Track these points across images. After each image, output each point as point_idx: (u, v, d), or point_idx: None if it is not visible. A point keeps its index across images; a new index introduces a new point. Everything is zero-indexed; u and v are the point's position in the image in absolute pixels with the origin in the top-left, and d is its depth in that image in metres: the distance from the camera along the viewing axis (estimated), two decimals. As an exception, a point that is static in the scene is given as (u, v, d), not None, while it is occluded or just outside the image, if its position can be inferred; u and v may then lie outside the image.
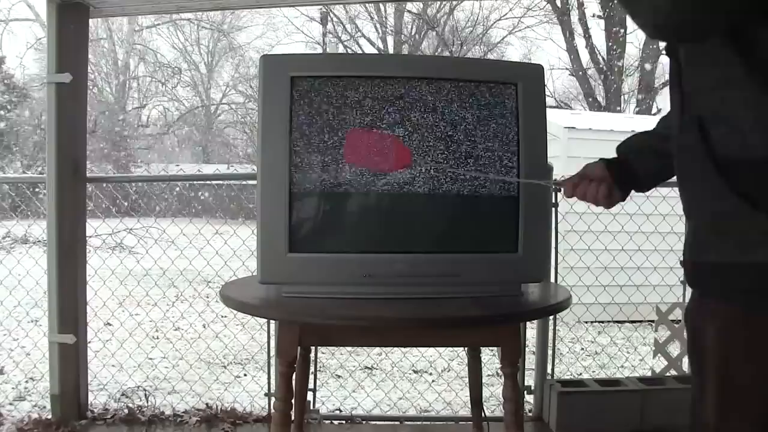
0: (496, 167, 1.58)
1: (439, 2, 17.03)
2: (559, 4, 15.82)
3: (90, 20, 2.83)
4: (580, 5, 15.39)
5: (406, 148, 1.53)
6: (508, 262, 1.60)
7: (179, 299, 5.74)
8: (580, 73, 15.73)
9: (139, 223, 8.45)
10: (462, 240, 1.58)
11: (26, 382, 3.53)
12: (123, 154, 17.31)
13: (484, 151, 1.57)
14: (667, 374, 2.89)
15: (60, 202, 2.70)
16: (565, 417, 2.70)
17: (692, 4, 0.91)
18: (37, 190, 7.14)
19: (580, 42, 15.49)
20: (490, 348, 3.57)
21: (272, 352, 2.48)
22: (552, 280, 2.88)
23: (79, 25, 2.74)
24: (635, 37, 15.53)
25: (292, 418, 1.74)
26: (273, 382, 2.70)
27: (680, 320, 2.90)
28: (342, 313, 1.50)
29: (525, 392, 2.82)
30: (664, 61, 16.16)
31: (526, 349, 2.90)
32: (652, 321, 3.12)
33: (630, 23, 14.95)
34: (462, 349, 3.23)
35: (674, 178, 1.14)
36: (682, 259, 1.08)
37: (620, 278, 4.34)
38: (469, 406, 2.13)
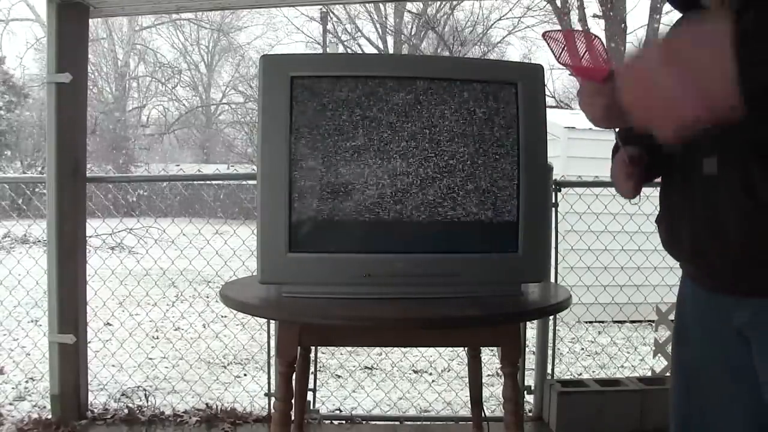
0: (496, 167, 1.58)
1: (439, 2, 17.03)
2: (559, 4, 15.82)
3: (90, 20, 2.83)
4: (580, 5, 15.39)
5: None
6: (508, 262, 1.59)
7: (179, 299, 5.74)
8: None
9: (139, 223, 8.46)
10: (462, 240, 1.58)
11: (26, 382, 3.52)
12: (123, 154, 17.32)
13: (484, 151, 1.57)
14: (667, 374, 2.89)
15: (60, 202, 2.70)
16: (565, 417, 2.70)
17: None
18: (37, 190, 7.14)
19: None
20: (490, 348, 3.57)
21: (272, 352, 2.48)
22: (552, 280, 2.88)
23: (79, 25, 2.74)
24: (635, 36, 15.55)
25: (292, 418, 1.74)
26: (273, 382, 2.71)
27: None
28: (342, 313, 1.49)
29: (525, 392, 2.82)
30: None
31: (526, 349, 2.90)
32: (652, 321, 3.12)
33: (630, 23, 14.97)
34: (462, 349, 3.23)
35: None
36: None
37: (620, 278, 4.34)
38: (469, 406, 2.13)
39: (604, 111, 1.12)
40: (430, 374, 4.07)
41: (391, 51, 17.69)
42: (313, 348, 2.47)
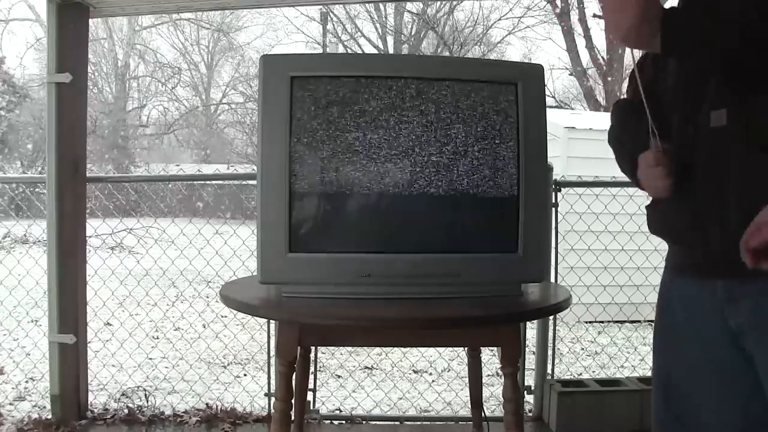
0: (496, 167, 1.58)
1: (439, 2, 17.03)
2: (559, 3, 15.81)
3: (90, 20, 2.83)
4: (580, 5, 15.39)
5: None
6: (508, 262, 1.59)
7: (179, 299, 5.74)
8: (580, 71, 15.71)
9: (139, 223, 8.44)
10: (462, 240, 1.58)
11: (26, 382, 3.52)
12: (123, 154, 17.31)
13: (484, 151, 1.57)
14: (667, 374, 2.89)
15: (60, 202, 2.70)
16: (565, 417, 2.70)
17: None
18: (37, 190, 7.13)
19: (580, 42, 15.48)
20: (490, 348, 3.57)
21: (272, 352, 2.48)
22: (552, 280, 2.88)
23: (79, 25, 2.74)
24: (635, 36, 15.51)
25: (292, 418, 1.74)
26: (273, 382, 2.71)
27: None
28: (342, 313, 1.50)
29: (525, 392, 2.82)
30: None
31: (526, 349, 2.90)
32: (652, 321, 3.11)
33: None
34: (462, 349, 3.23)
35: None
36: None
37: (620, 278, 4.34)
38: (469, 406, 2.13)
39: (636, 17, 1.10)
40: (430, 374, 4.07)
41: (391, 51, 17.70)
42: (313, 348, 2.47)
